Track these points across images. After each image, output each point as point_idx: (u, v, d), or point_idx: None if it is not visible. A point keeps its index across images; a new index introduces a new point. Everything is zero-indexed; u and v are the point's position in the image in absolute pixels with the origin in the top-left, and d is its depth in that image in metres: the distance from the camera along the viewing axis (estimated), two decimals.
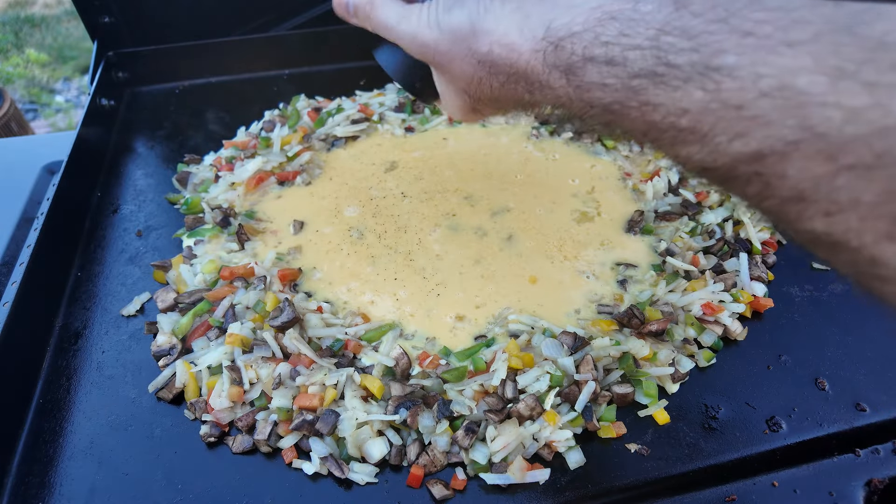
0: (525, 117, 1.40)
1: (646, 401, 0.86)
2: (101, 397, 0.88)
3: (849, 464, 0.81)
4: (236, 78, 1.58)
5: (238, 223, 1.10)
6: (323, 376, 0.85)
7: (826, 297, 1.02)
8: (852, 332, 0.96)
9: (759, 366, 0.92)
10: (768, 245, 1.08)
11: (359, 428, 0.80)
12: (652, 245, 1.08)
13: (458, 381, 0.86)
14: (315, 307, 0.96)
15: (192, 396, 0.87)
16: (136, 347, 0.95)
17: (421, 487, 0.78)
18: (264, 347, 0.88)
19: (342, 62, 1.60)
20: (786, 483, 0.79)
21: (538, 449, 0.80)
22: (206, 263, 1.02)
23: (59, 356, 0.94)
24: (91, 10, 1.45)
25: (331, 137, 1.33)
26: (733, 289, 0.98)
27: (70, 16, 4.16)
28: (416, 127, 1.38)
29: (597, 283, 1.02)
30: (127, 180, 1.27)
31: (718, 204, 1.14)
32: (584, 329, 0.92)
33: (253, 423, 0.83)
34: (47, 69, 3.76)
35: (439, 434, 0.80)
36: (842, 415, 0.86)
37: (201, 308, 0.95)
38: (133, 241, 1.13)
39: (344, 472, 0.78)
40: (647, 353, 0.88)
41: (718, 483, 0.79)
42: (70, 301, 1.02)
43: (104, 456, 0.82)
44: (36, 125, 3.38)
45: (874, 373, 0.91)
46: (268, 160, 1.23)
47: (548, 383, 0.84)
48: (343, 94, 1.47)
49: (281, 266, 1.04)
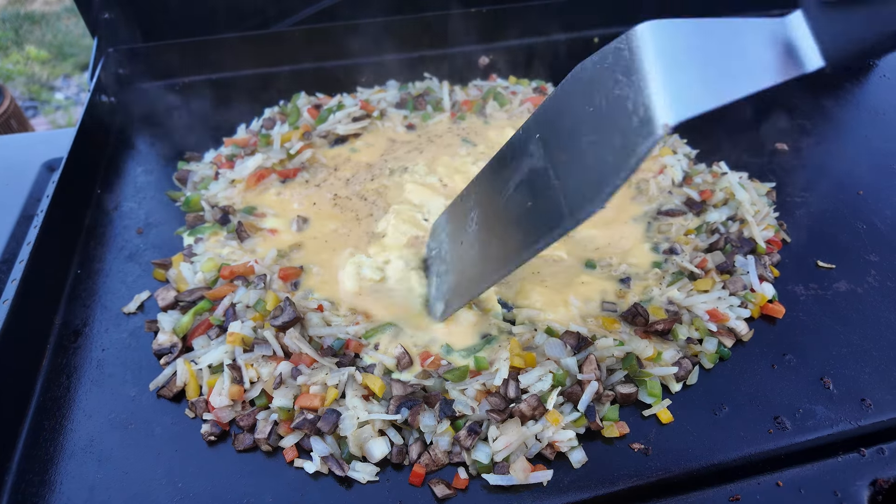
0: (528, 112, 1.39)
1: (649, 400, 0.85)
2: (101, 395, 0.88)
3: (854, 463, 0.81)
4: (236, 75, 1.57)
5: (237, 220, 1.09)
6: (324, 376, 0.84)
7: (831, 295, 1.02)
8: (857, 330, 0.96)
9: (763, 365, 0.91)
10: (772, 243, 1.07)
11: (360, 427, 0.80)
12: (655, 242, 1.08)
13: (460, 380, 0.85)
14: (315, 306, 0.95)
15: (192, 395, 0.86)
16: (137, 345, 0.94)
17: (423, 486, 0.78)
18: (265, 346, 0.88)
19: (343, 59, 1.59)
20: (790, 482, 0.79)
21: (541, 449, 0.80)
22: (205, 262, 1.01)
23: (59, 354, 0.93)
24: (91, 7, 1.44)
25: (332, 134, 1.32)
26: (742, 291, 0.97)
27: (70, 13, 4.15)
28: (418, 123, 1.37)
29: (600, 279, 1.01)
30: (127, 177, 1.26)
31: (723, 202, 1.13)
32: (587, 327, 0.92)
33: (254, 423, 0.83)
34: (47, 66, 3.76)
35: (441, 434, 0.80)
36: (847, 414, 0.85)
37: (202, 307, 0.95)
38: (133, 239, 1.13)
39: (345, 471, 0.78)
40: (651, 354, 0.87)
41: (722, 482, 0.79)
42: (70, 299, 1.01)
43: (104, 454, 0.81)
44: (36, 122, 3.37)
45: (879, 372, 0.90)
46: (268, 157, 1.22)
47: (550, 383, 0.83)
48: (344, 91, 1.46)
49: (282, 264, 1.04)
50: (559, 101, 0.69)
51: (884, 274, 1.05)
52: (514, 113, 1.39)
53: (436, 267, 0.95)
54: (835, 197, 1.21)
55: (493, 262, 0.80)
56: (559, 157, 0.68)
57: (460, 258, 0.87)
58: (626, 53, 0.62)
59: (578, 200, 0.65)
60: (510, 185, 0.76)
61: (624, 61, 0.62)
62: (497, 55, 1.61)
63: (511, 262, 0.76)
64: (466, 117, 1.38)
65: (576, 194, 0.66)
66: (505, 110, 1.39)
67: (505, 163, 0.79)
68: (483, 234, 0.82)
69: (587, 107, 0.65)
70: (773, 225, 1.10)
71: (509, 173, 0.77)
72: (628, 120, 0.60)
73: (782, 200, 1.19)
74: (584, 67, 0.67)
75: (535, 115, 0.73)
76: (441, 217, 0.97)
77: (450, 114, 1.38)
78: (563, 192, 0.67)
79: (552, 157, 0.69)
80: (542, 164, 0.71)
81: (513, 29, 1.64)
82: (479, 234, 0.83)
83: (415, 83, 1.48)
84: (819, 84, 1.54)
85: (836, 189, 1.22)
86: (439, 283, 0.92)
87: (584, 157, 0.65)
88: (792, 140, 1.35)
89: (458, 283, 0.88)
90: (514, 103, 1.41)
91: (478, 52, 1.61)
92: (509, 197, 0.76)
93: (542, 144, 0.71)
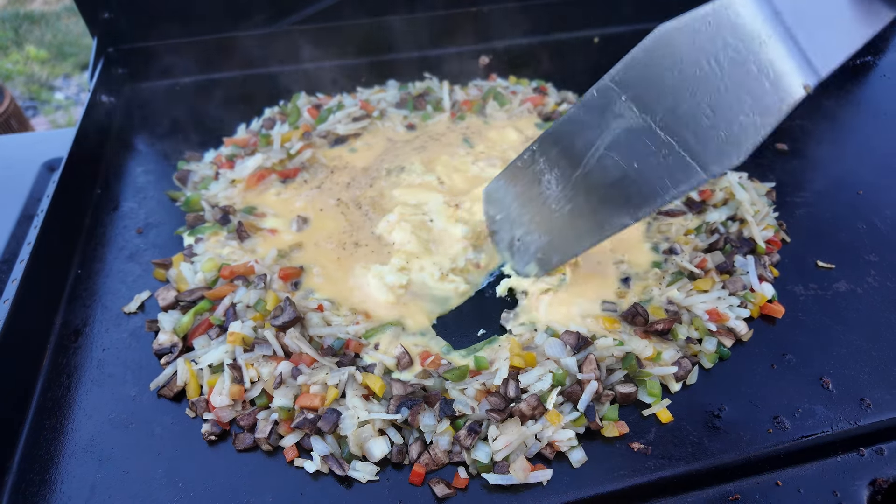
0: (528, 112, 1.39)
1: (649, 400, 0.86)
2: (101, 395, 0.88)
3: (853, 463, 0.81)
4: (236, 75, 1.57)
5: (238, 220, 1.09)
6: (324, 375, 0.85)
7: (830, 295, 1.02)
8: (857, 330, 0.96)
9: (763, 365, 0.92)
10: (772, 243, 1.07)
11: (360, 427, 0.80)
12: (655, 242, 1.08)
13: (460, 380, 0.85)
14: (316, 305, 0.95)
15: (193, 395, 0.86)
16: (137, 345, 0.95)
17: (423, 486, 0.78)
18: (265, 346, 0.88)
19: (343, 59, 1.59)
20: (790, 482, 0.79)
21: (540, 448, 0.80)
22: (206, 262, 1.01)
23: (59, 354, 0.93)
24: (91, 6, 1.44)
25: (332, 134, 1.32)
26: (741, 291, 0.97)
27: (70, 12, 4.14)
28: (418, 123, 1.37)
29: (600, 279, 1.01)
30: (127, 177, 1.27)
31: (722, 202, 1.13)
32: (586, 327, 0.92)
33: (254, 423, 0.83)
34: (47, 66, 3.75)
35: (441, 433, 0.80)
36: (846, 414, 0.85)
37: (202, 306, 0.95)
38: (133, 239, 1.13)
39: (345, 471, 0.78)
40: (650, 354, 0.87)
41: (722, 482, 0.79)
42: (70, 298, 1.02)
43: (105, 454, 0.81)
44: (36, 122, 3.37)
45: (878, 371, 0.90)
46: (268, 157, 1.22)
47: (550, 382, 0.83)
48: (344, 91, 1.46)
49: (282, 264, 1.04)
50: (645, 63, 0.72)
51: (883, 274, 1.05)
52: (514, 113, 1.39)
53: (507, 230, 0.98)
54: (835, 197, 1.21)
55: (596, 221, 0.84)
56: (666, 115, 0.72)
57: (548, 219, 0.90)
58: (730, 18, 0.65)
59: (713, 155, 0.69)
60: (598, 146, 0.79)
61: (730, 26, 0.65)
62: (497, 55, 1.61)
63: (628, 217, 0.80)
64: (466, 117, 1.38)
65: (706, 150, 0.69)
66: (505, 110, 1.39)
67: (581, 125, 0.81)
68: (574, 195, 0.85)
69: (691, 69, 0.68)
70: (772, 225, 1.10)
71: (592, 135, 0.80)
72: (757, 82, 0.64)
73: (782, 200, 1.19)
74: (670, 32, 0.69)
75: (613, 79, 0.76)
76: (496, 183, 0.98)
77: (450, 114, 1.38)
78: (685, 149, 0.71)
79: (654, 116, 0.73)
80: (641, 124, 0.74)
81: (513, 29, 1.64)
82: (567, 195, 0.86)
83: (415, 83, 1.48)
84: (820, 84, 1.54)
85: (835, 189, 1.23)
86: (521, 245, 0.96)
87: (702, 115, 0.69)
88: (792, 140, 1.35)
89: (554, 242, 0.91)
90: (514, 103, 1.41)
91: (478, 52, 1.61)
92: (602, 157, 0.80)
93: (633, 104, 0.74)
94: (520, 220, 0.95)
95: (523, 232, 0.95)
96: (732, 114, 0.67)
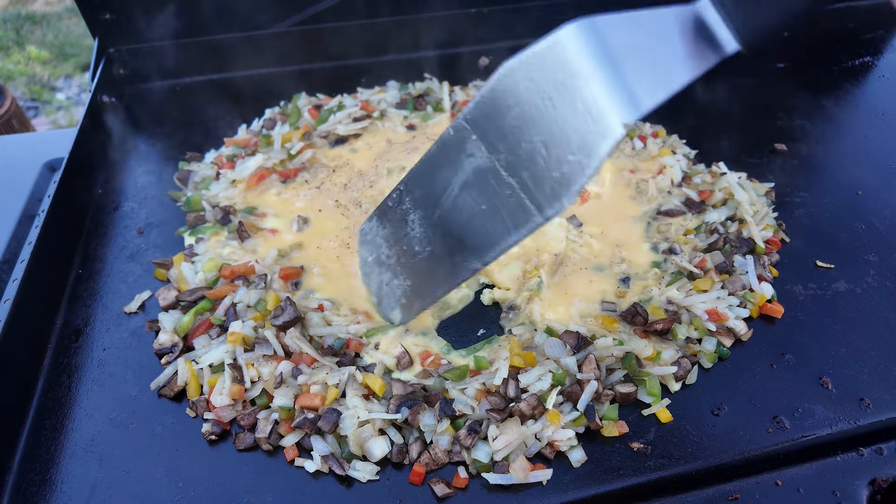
0: None
1: (649, 399, 0.86)
2: (102, 395, 0.88)
3: (852, 463, 0.81)
4: (237, 75, 1.57)
5: (238, 220, 1.09)
6: (325, 375, 0.85)
7: (830, 295, 1.02)
8: (856, 330, 0.96)
9: (762, 364, 0.92)
10: (771, 243, 1.07)
11: (360, 426, 0.80)
12: (655, 242, 1.08)
13: (460, 379, 0.85)
14: (316, 305, 0.96)
15: (193, 394, 0.86)
16: (138, 345, 0.95)
17: (423, 485, 0.78)
18: (266, 346, 0.88)
19: (343, 59, 1.59)
20: (789, 482, 0.79)
21: (540, 448, 0.80)
22: (206, 262, 1.01)
23: (60, 354, 0.94)
24: (92, 7, 1.44)
25: (332, 135, 1.32)
26: (741, 291, 0.97)
27: (71, 13, 4.15)
28: (418, 123, 1.37)
29: (600, 279, 1.01)
30: (128, 177, 1.27)
31: (722, 202, 1.13)
32: (586, 327, 0.92)
33: (254, 422, 0.83)
34: (48, 66, 3.76)
35: (441, 433, 0.80)
36: (845, 413, 0.85)
37: (203, 306, 0.95)
38: (134, 239, 1.13)
39: (345, 470, 0.78)
40: (650, 353, 0.88)
41: (721, 482, 0.79)
42: (71, 298, 1.02)
43: (105, 453, 0.81)
44: (37, 122, 3.37)
45: (878, 371, 0.90)
46: (269, 157, 1.23)
47: (550, 382, 0.83)
48: (344, 91, 1.46)
49: (282, 264, 1.04)
50: (492, 102, 0.69)
51: (883, 274, 1.05)
52: None
53: (376, 274, 0.93)
54: (834, 197, 1.21)
55: (452, 264, 0.80)
56: (508, 156, 0.69)
57: (410, 262, 0.86)
58: (561, 55, 0.62)
59: (546, 197, 0.66)
60: (453, 186, 0.76)
61: (561, 63, 0.62)
62: (497, 55, 1.61)
63: (476, 260, 0.76)
64: None
65: (540, 192, 0.67)
66: None
67: (439, 164, 0.78)
68: (433, 236, 0.82)
69: (528, 107, 0.65)
70: (772, 225, 1.11)
71: (448, 174, 0.76)
72: (582, 120, 0.62)
73: (781, 200, 1.19)
74: (513, 69, 0.66)
75: (465, 116, 0.72)
76: (369, 223, 0.93)
77: (450, 114, 1.39)
78: (524, 190, 0.68)
79: (499, 156, 0.70)
80: (488, 164, 0.71)
81: (513, 29, 1.64)
82: (427, 237, 0.83)
83: (415, 83, 1.49)
84: (819, 84, 1.54)
85: (835, 189, 1.23)
86: (388, 290, 0.91)
87: (538, 155, 0.66)
88: (791, 140, 1.35)
89: (416, 287, 0.87)
90: None
91: (478, 52, 1.61)
92: (456, 197, 0.76)
93: (481, 144, 0.71)
94: (387, 263, 0.90)
95: (390, 276, 0.90)
96: (562, 153, 0.64)
